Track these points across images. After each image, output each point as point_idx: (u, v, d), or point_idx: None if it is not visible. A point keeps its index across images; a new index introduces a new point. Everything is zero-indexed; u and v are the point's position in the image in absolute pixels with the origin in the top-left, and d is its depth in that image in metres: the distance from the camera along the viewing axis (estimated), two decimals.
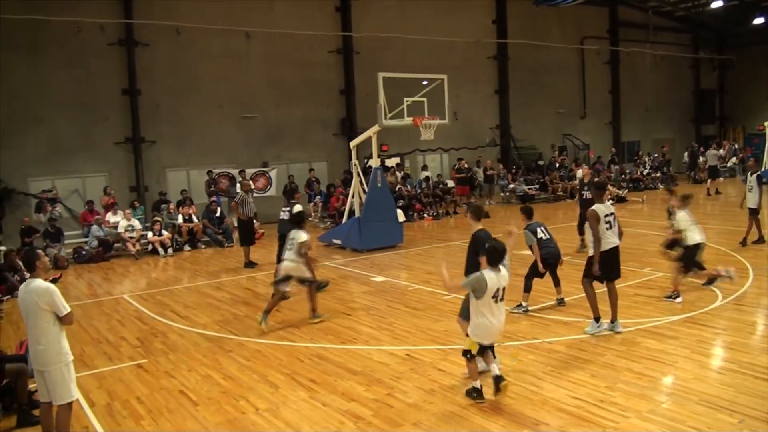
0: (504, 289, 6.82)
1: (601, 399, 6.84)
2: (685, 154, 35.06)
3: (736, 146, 36.22)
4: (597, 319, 8.92)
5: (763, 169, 30.73)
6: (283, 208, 14.37)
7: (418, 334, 9.46)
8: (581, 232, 14.72)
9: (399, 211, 19.01)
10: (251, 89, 24.22)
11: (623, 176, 29.99)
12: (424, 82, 17.45)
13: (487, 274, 6.68)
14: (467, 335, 7.00)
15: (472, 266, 7.44)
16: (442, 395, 7.07)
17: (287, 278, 10.21)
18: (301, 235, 10.18)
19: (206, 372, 8.30)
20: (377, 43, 25.97)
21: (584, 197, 15.00)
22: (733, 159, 34.46)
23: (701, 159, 32.71)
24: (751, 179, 15.14)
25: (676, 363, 7.73)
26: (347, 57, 26.13)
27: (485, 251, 6.87)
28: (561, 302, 10.53)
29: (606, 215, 8.80)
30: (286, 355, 8.82)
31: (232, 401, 7.30)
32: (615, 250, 8.87)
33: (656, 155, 33.51)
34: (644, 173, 30.97)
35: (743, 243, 14.74)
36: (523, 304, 10.28)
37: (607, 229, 8.78)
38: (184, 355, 9.06)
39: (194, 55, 22.93)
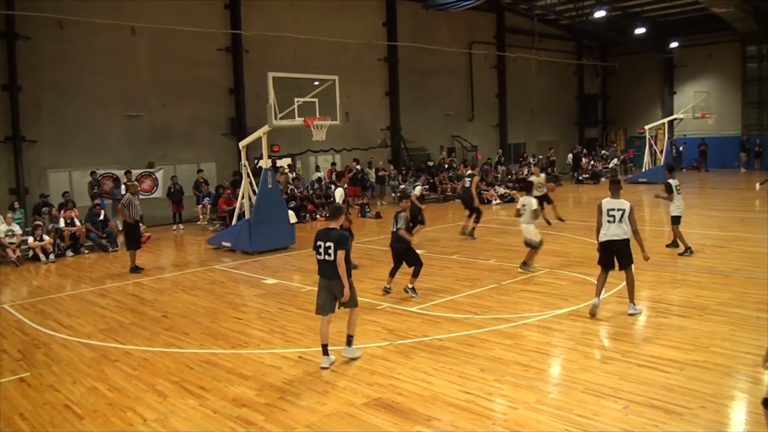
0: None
1: (490, 392, 7.05)
2: (569, 155, 36.61)
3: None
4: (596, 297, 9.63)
5: (644, 170, 32.72)
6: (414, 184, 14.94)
7: (311, 336, 9.36)
8: None
9: (291, 213, 18.87)
10: (137, 87, 23.38)
11: (509, 177, 30.95)
12: (316, 83, 17.40)
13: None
14: None
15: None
16: (335, 396, 7.08)
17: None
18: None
19: (92, 383, 7.96)
20: (268, 42, 25.67)
21: None
22: (615, 160, 36.19)
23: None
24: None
25: (562, 354, 8.06)
26: (236, 55, 25.67)
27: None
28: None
29: (610, 209, 9.47)
30: (175, 363, 8.58)
31: (119, 413, 7.03)
32: (616, 243, 9.45)
33: (540, 156, 34.83)
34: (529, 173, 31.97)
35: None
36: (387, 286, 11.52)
37: (609, 221, 9.46)
38: (69, 367, 8.65)
39: (78, 50, 21.89)
